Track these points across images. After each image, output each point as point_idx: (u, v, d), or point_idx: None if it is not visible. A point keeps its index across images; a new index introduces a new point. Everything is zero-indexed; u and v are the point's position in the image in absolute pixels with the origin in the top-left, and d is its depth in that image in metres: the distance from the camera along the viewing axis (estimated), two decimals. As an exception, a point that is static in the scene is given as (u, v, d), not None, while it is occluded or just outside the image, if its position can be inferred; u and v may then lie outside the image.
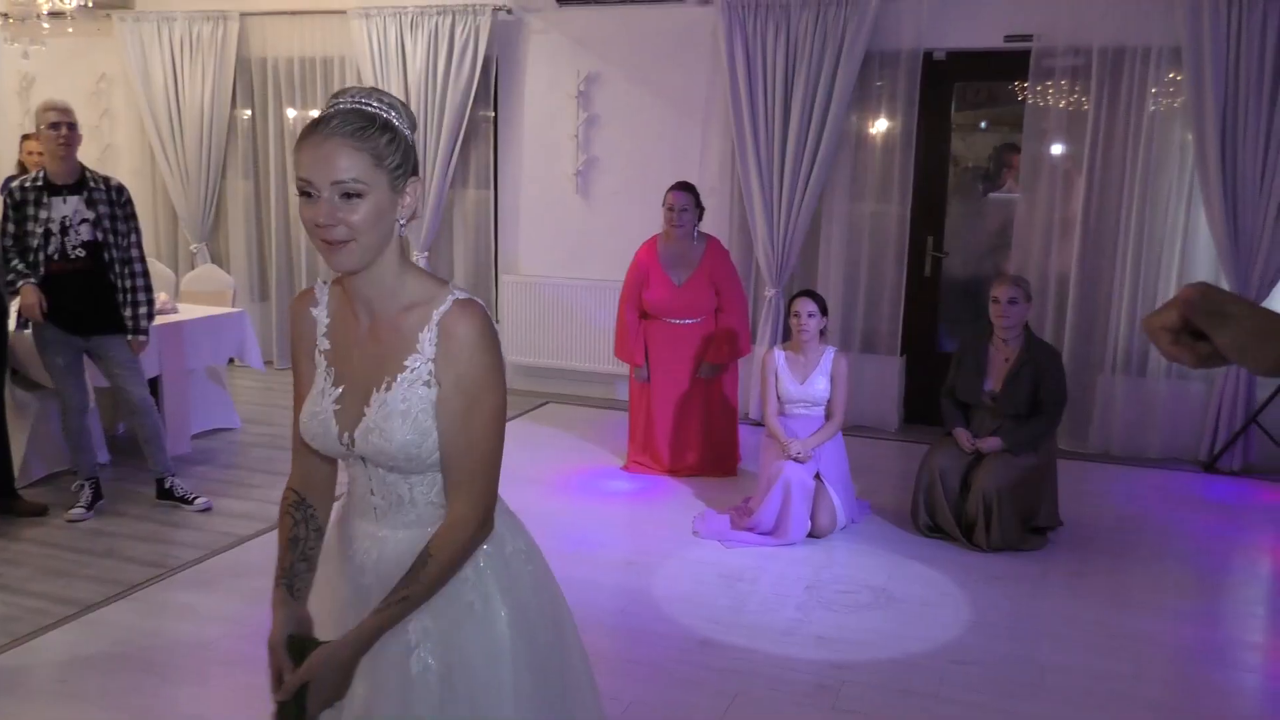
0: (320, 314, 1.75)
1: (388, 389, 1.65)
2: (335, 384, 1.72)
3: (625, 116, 6.54)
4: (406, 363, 1.65)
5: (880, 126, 6.08)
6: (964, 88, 6.36)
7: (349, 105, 1.59)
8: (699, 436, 5.26)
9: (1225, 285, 5.53)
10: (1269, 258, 5.35)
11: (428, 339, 1.63)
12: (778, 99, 5.97)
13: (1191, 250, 5.62)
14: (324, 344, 1.74)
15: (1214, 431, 5.56)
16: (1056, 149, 5.79)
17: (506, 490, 1.90)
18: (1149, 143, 5.55)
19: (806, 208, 6.02)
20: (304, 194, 1.57)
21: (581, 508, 4.82)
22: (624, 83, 6.51)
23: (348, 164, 1.54)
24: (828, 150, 5.93)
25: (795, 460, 4.41)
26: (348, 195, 1.55)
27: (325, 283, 1.79)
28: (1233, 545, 4.54)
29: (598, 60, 6.54)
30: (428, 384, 1.64)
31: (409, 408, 1.64)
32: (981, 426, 4.47)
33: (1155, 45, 5.46)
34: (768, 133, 6.03)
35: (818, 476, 4.45)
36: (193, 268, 7.18)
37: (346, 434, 1.69)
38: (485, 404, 1.65)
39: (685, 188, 5.15)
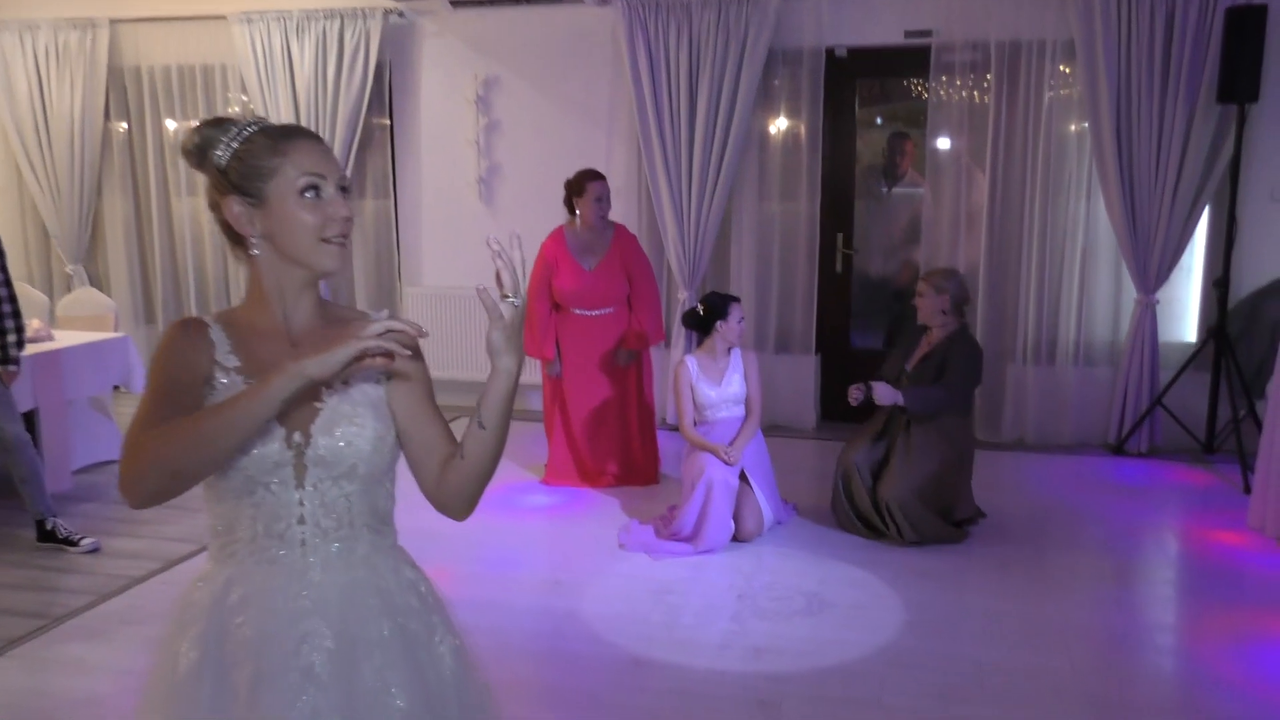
0: (218, 335, 1.57)
1: (344, 383, 1.54)
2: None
3: (527, 121, 6.37)
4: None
5: (785, 125, 6.05)
6: (866, 85, 6.38)
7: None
8: (618, 444, 5.14)
9: (1126, 273, 5.66)
10: (1165, 245, 5.48)
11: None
12: (682, 100, 5.89)
13: (1093, 239, 5.74)
14: (230, 360, 1.55)
15: (1121, 415, 5.68)
16: (960, 143, 5.84)
17: (420, 512, 1.76)
18: (1048, 134, 5.65)
19: (716, 208, 5.95)
20: (308, 189, 1.51)
21: (501, 526, 4.63)
22: (524, 86, 6.34)
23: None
24: (735, 150, 5.87)
25: (725, 462, 4.34)
26: (344, 190, 1.56)
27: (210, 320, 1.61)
28: (1144, 527, 4.62)
29: (496, 64, 6.36)
30: (378, 381, 1.60)
31: (375, 399, 1.59)
32: None
33: (1050, 39, 5.56)
34: (674, 134, 5.94)
35: (743, 476, 4.38)
36: (69, 290, 6.74)
37: (297, 432, 1.52)
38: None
39: (603, 175, 5.06)
